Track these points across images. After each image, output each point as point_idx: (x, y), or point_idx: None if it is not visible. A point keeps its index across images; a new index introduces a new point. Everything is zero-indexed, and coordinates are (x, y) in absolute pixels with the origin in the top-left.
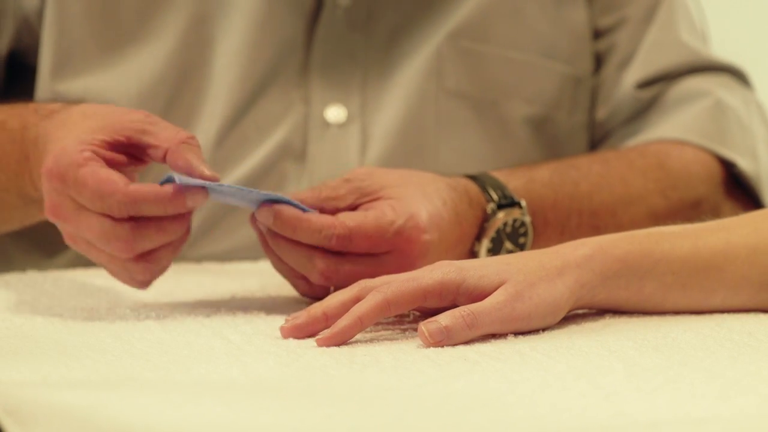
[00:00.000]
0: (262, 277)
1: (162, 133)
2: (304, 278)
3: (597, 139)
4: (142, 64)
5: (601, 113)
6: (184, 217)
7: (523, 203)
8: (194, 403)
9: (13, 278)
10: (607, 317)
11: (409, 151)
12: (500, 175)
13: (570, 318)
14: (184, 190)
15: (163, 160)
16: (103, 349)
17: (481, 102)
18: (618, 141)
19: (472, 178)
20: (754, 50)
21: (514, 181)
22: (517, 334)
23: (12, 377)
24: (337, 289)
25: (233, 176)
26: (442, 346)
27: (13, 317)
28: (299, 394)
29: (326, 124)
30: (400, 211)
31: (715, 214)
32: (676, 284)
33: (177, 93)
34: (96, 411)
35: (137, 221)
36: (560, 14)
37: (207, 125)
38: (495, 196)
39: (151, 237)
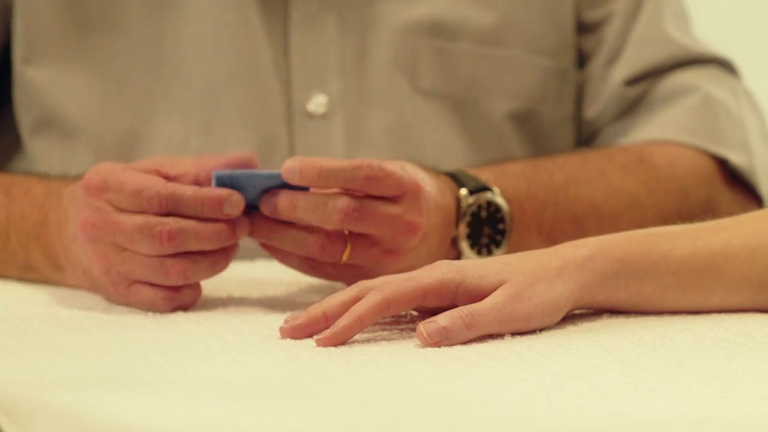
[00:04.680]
0: (259, 277)
1: (187, 161)
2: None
3: (585, 136)
4: (109, 55)
5: (590, 111)
6: (225, 230)
7: (495, 189)
8: (191, 403)
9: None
10: (605, 317)
11: (396, 147)
12: (471, 170)
13: (567, 318)
14: (224, 196)
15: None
16: (99, 349)
17: (460, 101)
18: (606, 139)
19: (444, 172)
20: (743, 40)
21: (485, 174)
22: (514, 334)
23: (9, 377)
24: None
25: None
26: (440, 347)
27: (10, 317)
28: (296, 394)
29: (309, 116)
30: (399, 162)
31: (710, 205)
32: (675, 284)
33: (147, 83)
34: (93, 410)
35: (176, 218)
36: (545, 7)
37: (183, 116)
38: (466, 183)
39: (189, 233)
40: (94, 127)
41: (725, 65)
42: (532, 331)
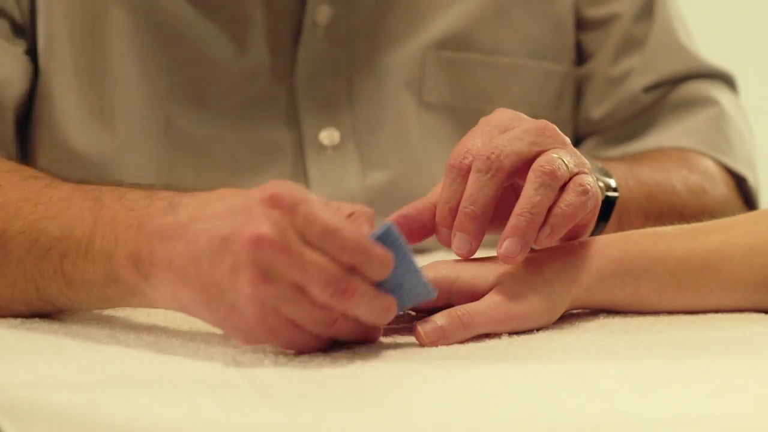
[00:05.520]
0: None
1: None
2: None
3: (582, 134)
4: (127, 108)
5: (595, 112)
6: (389, 311)
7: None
8: (190, 402)
9: None
10: (602, 317)
11: (405, 168)
12: None
13: (564, 318)
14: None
15: None
16: (99, 349)
17: (464, 112)
18: (613, 139)
19: None
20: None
21: None
22: (511, 333)
23: (8, 377)
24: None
25: None
26: (437, 346)
27: (10, 317)
28: (294, 394)
29: (322, 147)
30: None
31: None
32: (671, 284)
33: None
34: (92, 411)
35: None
36: (547, 9)
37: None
38: None
39: (366, 299)
40: (110, 167)
41: (728, 81)
42: (530, 331)
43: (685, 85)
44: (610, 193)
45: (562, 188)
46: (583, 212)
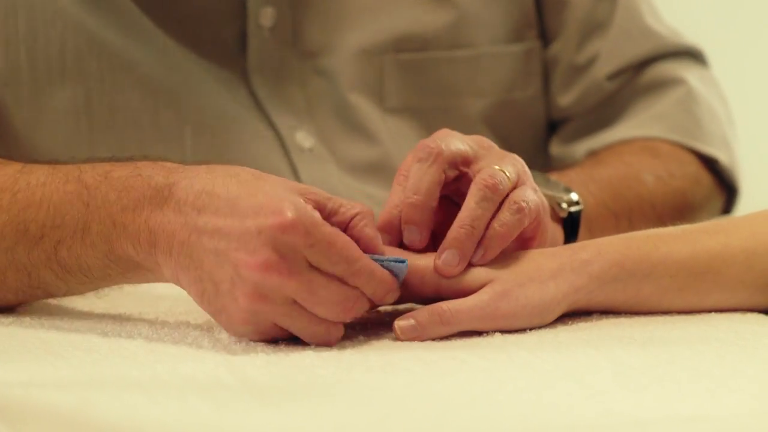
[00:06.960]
0: None
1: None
2: None
3: (555, 119)
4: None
5: (563, 99)
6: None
7: None
8: (181, 401)
9: None
10: (596, 316)
11: (384, 174)
12: None
13: (558, 316)
14: (395, 287)
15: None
16: (90, 348)
17: (430, 110)
18: (584, 128)
19: None
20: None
21: None
22: (504, 333)
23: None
24: None
25: None
26: (417, 341)
27: (0, 317)
28: (286, 393)
29: (302, 148)
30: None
31: (712, 194)
32: (672, 287)
33: (141, 120)
34: (83, 410)
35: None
36: None
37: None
38: None
39: (361, 307)
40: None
41: (696, 55)
42: (523, 330)
43: (651, 68)
44: (573, 208)
45: (502, 202)
46: (519, 230)
